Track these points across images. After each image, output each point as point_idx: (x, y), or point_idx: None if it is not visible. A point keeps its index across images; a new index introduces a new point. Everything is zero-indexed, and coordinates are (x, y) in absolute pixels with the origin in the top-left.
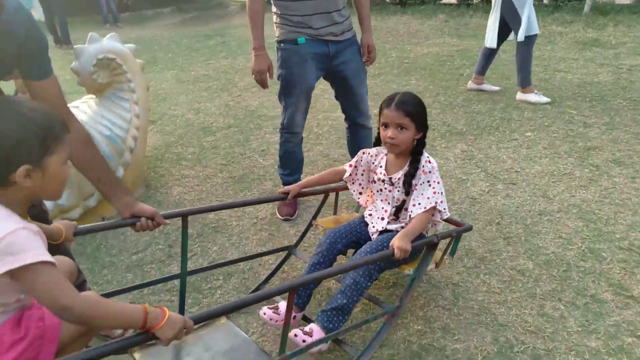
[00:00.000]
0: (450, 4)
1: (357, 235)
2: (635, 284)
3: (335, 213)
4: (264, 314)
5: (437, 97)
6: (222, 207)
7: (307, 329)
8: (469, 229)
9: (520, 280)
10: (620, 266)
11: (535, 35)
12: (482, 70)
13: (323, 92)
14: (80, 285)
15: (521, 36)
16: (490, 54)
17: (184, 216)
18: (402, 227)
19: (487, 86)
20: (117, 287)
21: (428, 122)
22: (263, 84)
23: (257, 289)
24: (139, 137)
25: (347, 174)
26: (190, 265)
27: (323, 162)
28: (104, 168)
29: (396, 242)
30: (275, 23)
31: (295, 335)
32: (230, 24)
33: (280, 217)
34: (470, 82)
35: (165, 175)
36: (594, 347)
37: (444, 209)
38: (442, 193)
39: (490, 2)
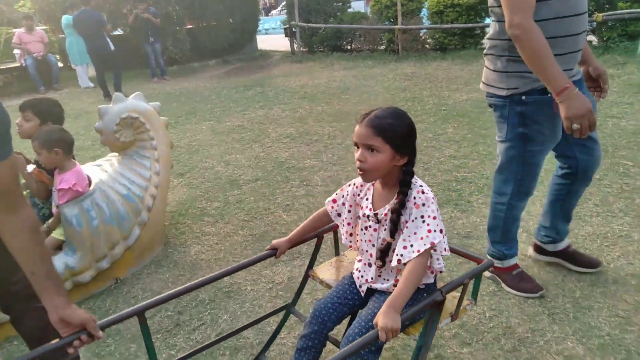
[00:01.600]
0: None
1: (349, 303)
2: None
3: (337, 254)
4: None
5: (476, 146)
6: (192, 289)
7: None
8: (490, 265)
9: None
10: None
11: None
12: None
13: None
14: None
15: None
16: None
17: (140, 314)
18: (395, 285)
19: None
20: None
21: (465, 173)
22: (594, 126)
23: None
24: (159, 195)
25: (334, 215)
26: (197, 337)
27: None
28: (43, 259)
29: (380, 321)
30: (507, 72)
31: None
32: (270, 74)
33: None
34: None
35: (185, 232)
36: None
37: (444, 249)
38: (440, 231)
39: None
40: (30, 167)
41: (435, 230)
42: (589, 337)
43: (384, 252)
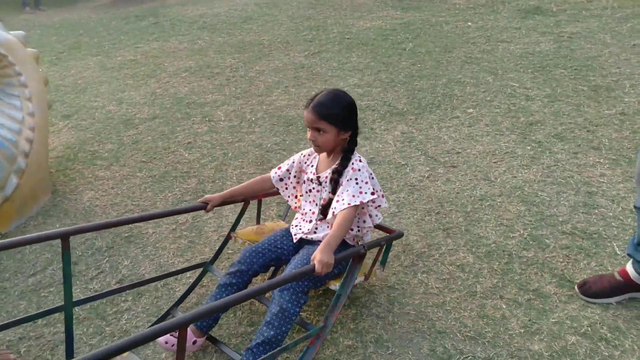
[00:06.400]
0: None
1: (277, 251)
2: (578, 272)
3: (258, 222)
4: (164, 341)
5: (379, 74)
6: (117, 224)
7: None
8: (400, 235)
9: (460, 277)
10: (563, 254)
11: None
12: None
13: (258, 74)
14: None
15: None
16: None
17: (63, 237)
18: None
19: None
20: (7, 319)
21: (369, 101)
22: None
23: (167, 313)
24: (37, 138)
25: (275, 179)
26: (96, 286)
27: (255, 154)
28: None
29: (317, 256)
30: None
31: None
32: (164, 3)
33: None
34: None
35: (76, 178)
36: (536, 350)
37: (374, 208)
38: (372, 193)
39: None
40: None
41: (365, 192)
42: (478, 247)
43: (326, 207)
